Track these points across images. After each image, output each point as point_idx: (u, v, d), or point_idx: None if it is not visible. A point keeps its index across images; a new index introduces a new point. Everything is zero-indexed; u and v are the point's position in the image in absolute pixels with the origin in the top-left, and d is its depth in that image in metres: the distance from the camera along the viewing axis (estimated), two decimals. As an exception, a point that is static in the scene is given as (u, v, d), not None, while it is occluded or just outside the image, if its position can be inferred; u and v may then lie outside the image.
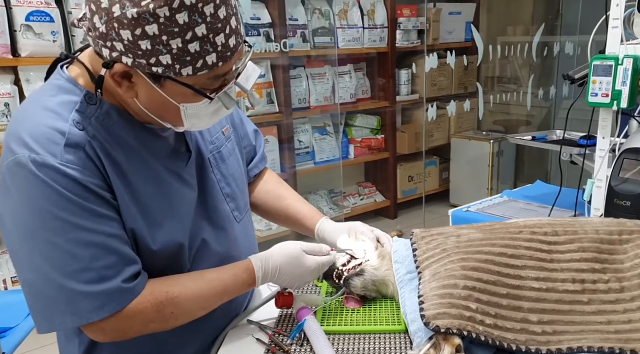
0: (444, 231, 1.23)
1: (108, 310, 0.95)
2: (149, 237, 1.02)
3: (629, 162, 1.56)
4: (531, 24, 4.60)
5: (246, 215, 1.28)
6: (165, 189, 1.06)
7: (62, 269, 0.93)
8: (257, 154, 1.42)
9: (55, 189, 0.91)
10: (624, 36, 1.54)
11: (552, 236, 1.14)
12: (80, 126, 0.95)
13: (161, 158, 1.06)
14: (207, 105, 0.98)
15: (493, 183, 4.43)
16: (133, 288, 0.97)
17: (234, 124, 1.32)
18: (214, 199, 1.17)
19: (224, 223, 1.18)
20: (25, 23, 2.67)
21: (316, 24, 3.84)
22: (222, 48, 0.91)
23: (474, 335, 0.96)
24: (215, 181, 1.18)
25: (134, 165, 1.01)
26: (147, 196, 1.02)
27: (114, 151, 0.99)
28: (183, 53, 0.88)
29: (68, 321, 0.95)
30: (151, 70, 0.90)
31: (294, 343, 1.09)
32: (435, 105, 4.09)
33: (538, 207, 2.31)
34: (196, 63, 0.90)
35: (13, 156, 0.92)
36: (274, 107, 3.69)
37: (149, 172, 1.04)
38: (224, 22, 0.90)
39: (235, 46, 0.93)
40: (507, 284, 1.05)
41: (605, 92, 1.57)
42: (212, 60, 0.91)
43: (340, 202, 4.25)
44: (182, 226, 1.08)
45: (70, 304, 0.94)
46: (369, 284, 1.21)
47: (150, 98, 0.95)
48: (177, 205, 1.07)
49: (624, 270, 1.10)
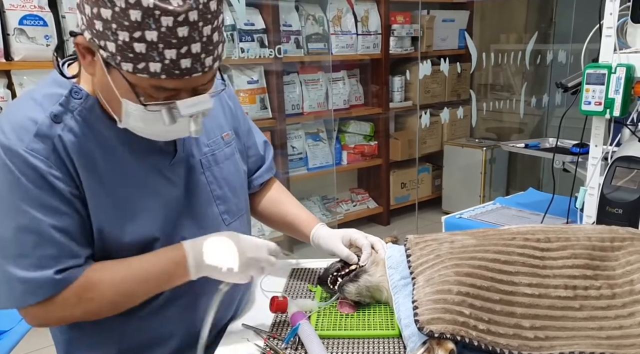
0: (437, 236, 1.23)
1: (36, 297, 0.98)
2: (118, 229, 1.05)
3: (620, 170, 1.58)
4: (524, 31, 4.64)
5: (238, 219, 1.27)
6: (141, 184, 1.08)
7: (3, 250, 0.99)
8: (264, 164, 1.43)
9: (15, 174, 0.96)
10: (617, 45, 1.56)
11: (544, 243, 1.14)
12: (57, 119, 0.99)
13: (140, 154, 1.08)
14: (145, 110, 0.95)
15: (485, 190, 4.45)
16: (64, 279, 1.00)
17: (237, 131, 1.32)
18: (201, 199, 1.18)
19: (209, 224, 1.18)
20: (19, 26, 2.67)
21: (310, 30, 3.85)
22: (169, 63, 0.89)
23: (467, 340, 0.97)
24: (206, 182, 1.19)
25: (109, 160, 1.04)
26: (119, 189, 1.05)
27: (90, 145, 1.02)
28: (127, 48, 0.88)
29: (4, 302, 1.00)
30: (101, 52, 0.91)
31: (289, 347, 1.09)
32: (428, 112, 4.11)
33: (530, 214, 2.33)
34: (137, 63, 0.89)
35: None
36: (267, 112, 3.69)
37: (124, 167, 1.06)
38: (181, 41, 0.88)
39: (188, 69, 0.91)
40: (500, 289, 1.05)
41: (598, 100, 1.58)
42: (155, 68, 0.89)
43: (333, 208, 4.25)
44: (156, 220, 1.09)
45: (7, 285, 0.99)
46: (363, 290, 1.22)
47: (101, 80, 0.96)
48: (153, 200, 1.09)
49: (616, 276, 1.11)
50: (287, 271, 1.47)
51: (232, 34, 3.43)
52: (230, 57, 3.43)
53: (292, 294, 1.33)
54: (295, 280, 1.41)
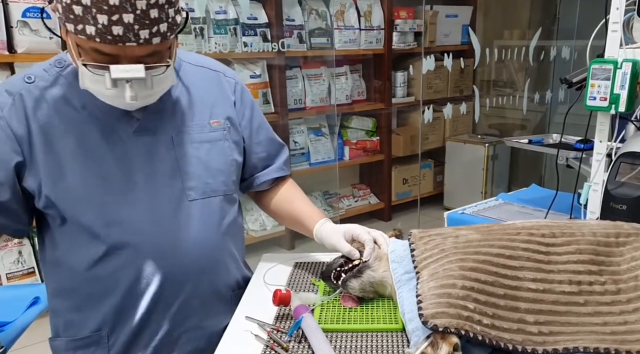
0: (441, 231, 1.23)
1: None
2: (51, 185, 1.13)
3: (625, 166, 1.57)
4: (527, 27, 4.63)
5: (207, 199, 1.27)
6: (91, 145, 1.16)
7: None
8: (273, 164, 1.44)
9: None
10: (623, 40, 1.55)
11: (549, 238, 1.14)
12: (30, 79, 1.14)
13: (105, 117, 1.16)
14: (89, 74, 1.05)
15: (487, 187, 4.44)
16: None
17: (233, 123, 1.34)
18: (162, 171, 1.22)
19: (163, 194, 1.22)
20: (22, 19, 2.66)
21: (313, 25, 3.84)
22: (102, 27, 0.98)
23: (471, 334, 0.97)
24: (175, 157, 1.23)
25: (64, 123, 1.14)
26: (63, 147, 1.14)
27: (51, 104, 1.14)
28: (69, 10, 0.98)
29: None
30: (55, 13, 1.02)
31: (292, 340, 1.09)
32: (431, 107, 4.10)
33: (533, 210, 2.32)
34: (77, 25, 0.99)
35: None
36: (270, 107, 3.69)
37: (80, 128, 1.15)
38: (112, 8, 0.97)
39: (120, 37, 0.99)
40: (504, 284, 1.05)
41: (604, 95, 1.58)
42: (90, 31, 0.99)
43: (335, 203, 4.25)
44: (96, 179, 1.16)
45: None
46: (366, 286, 1.21)
47: (65, 40, 1.07)
48: (101, 162, 1.17)
49: (620, 272, 1.10)
50: (290, 264, 1.47)
51: (235, 28, 3.43)
52: (233, 51, 3.42)
53: (295, 287, 1.33)
54: (299, 273, 1.41)
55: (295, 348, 1.07)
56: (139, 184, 1.19)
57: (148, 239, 1.19)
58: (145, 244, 1.19)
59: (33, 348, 2.42)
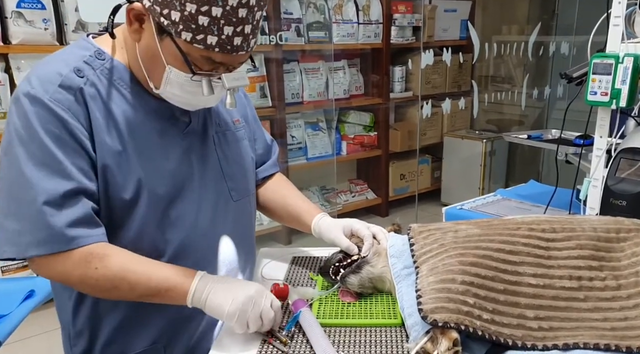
0: (441, 226, 1.22)
1: (44, 249, 1.00)
2: (121, 184, 1.06)
3: (625, 161, 1.56)
4: (526, 23, 4.62)
5: (246, 198, 1.30)
6: (151, 144, 1.11)
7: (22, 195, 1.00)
8: (269, 159, 1.45)
9: (38, 121, 1.00)
10: (624, 34, 1.53)
11: (549, 233, 1.13)
12: (80, 73, 1.05)
13: (157, 117, 1.12)
14: (189, 80, 1.03)
15: (485, 182, 4.44)
16: (77, 238, 1.01)
17: (246, 120, 1.36)
18: (211, 173, 1.21)
19: (216, 197, 1.21)
20: (16, 9, 2.64)
21: (311, 18, 3.82)
22: (225, 38, 0.98)
23: (471, 329, 0.96)
24: (217, 158, 1.22)
25: (125, 118, 1.08)
26: (129, 146, 1.08)
27: (110, 101, 1.07)
28: (192, 19, 0.95)
29: (8, 251, 1.01)
30: (159, 20, 0.97)
31: (290, 334, 1.08)
32: (430, 102, 4.08)
33: (531, 206, 2.31)
34: (197, 34, 0.97)
35: (19, 90, 1.03)
36: (267, 101, 3.67)
37: (139, 127, 1.09)
38: (240, 21, 0.97)
39: (238, 46, 1.00)
40: (504, 279, 1.04)
41: (605, 90, 1.56)
42: (211, 41, 0.98)
43: (332, 199, 4.24)
44: (160, 179, 1.11)
45: (13, 234, 1.00)
46: (365, 282, 1.20)
47: (148, 47, 1.03)
48: (160, 161, 1.12)
49: (621, 268, 1.10)
50: (288, 258, 1.46)
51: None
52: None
53: (293, 282, 1.32)
54: (297, 268, 1.40)
55: (294, 342, 1.06)
56: (194, 187, 1.17)
57: (205, 245, 1.18)
58: (204, 250, 1.18)
59: (29, 341, 2.40)
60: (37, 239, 0.99)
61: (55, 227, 0.99)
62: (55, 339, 1.31)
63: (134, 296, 1.06)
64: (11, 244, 1.00)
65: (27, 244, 0.99)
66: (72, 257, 1.01)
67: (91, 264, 1.02)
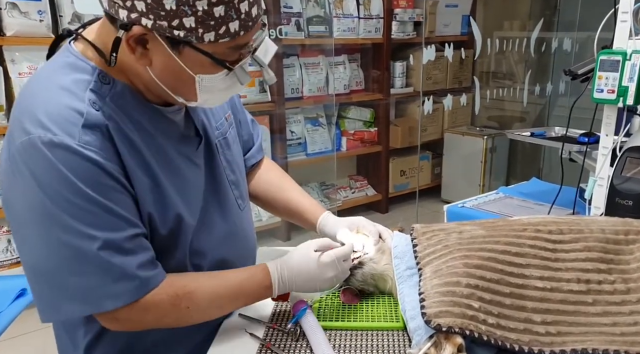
0: (445, 226, 1.19)
1: (123, 299, 0.93)
2: (159, 220, 1.00)
3: (631, 160, 1.53)
4: (528, 19, 4.58)
5: (247, 204, 1.26)
6: (177, 172, 1.04)
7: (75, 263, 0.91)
8: (254, 144, 1.39)
9: (72, 171, 0.88)
10: (632, 30, 1.50)
11: (556, 235, 1.10)
12: (96, 106, 0.93)
13: (173, 141, 1.05)
14: (223, 78, 0.95)
15: (485, 179, 4.41)
16: (150, 278, 0.95)
17: (234, 110, 1.29)
18: (221, 185, 1.15)
19: (230, 209, 1.17)
20: (11, 1, 2.59)
21: (311, 12, 3.78)
22: (244, 16, 0.89)
23: (476, 334, 0.93)
24: (222, 167, 1.16)
25: (148, 147, 0.99)
26: (161, 178, 1.00)
27: (129, 132, 0.96)
28: (207, 16, 0.86)
29: (76, 309, 0.93)
30: (172, 34, 0.87)
31: (291, 330, 1.06)
32: (431, 98, 4.05)
33: (534, 204, 2.28)
34: (219, 29, 0.88)
35: (27, 135, 0.87)
36: (266, 96, 3.64)
37: (163, 155, 1.02)
38: None
39: (257, 16, 0.92)
40: (510, 282, 1.01)
41: (611, 88, 1.53)
42: (234, 27, 0.89)
43: (332, 195, 4.21)
44: (191, 208, 1.06)
45: (81, 291, 0.91)
46: (367, 277, 1.19)
47: (165, 66, 0.92)
48: (188, 188, 1.06)
49: (630, 271, 1.07)
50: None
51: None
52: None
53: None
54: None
55: (293, 345, 1.04)
56: (209, 202, 1.12)
57: (230, 258, 1.16)
58: (229, 265, 1.15)
59: (20, 339, 2.38)
60: (112, 291, 0.92)
61: (129, 273, 0.92)
62: (48, 337, 1.29)
63: (225, 313, 1.11)
64: (79, 302, 0.92)
65: (99, 298, 0.92)
66: (154, 302, 0.96)
67: (181, 306, 0.99)
